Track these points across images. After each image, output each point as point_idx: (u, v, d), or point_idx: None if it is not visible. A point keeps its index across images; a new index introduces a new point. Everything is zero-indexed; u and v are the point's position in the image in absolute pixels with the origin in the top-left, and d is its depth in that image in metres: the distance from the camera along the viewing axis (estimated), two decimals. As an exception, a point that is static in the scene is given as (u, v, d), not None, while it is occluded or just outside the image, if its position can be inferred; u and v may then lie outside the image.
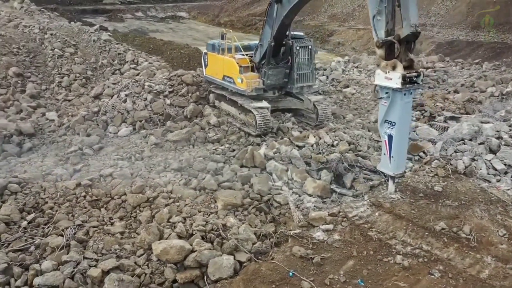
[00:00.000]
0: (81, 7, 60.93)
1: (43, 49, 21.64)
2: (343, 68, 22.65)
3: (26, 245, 8.36)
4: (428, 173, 11.49)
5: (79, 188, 10.55)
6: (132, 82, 16.27)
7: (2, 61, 19.63)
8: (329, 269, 8.00)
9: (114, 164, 12.01)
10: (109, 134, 14.37)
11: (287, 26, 13.66)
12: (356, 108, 17.05)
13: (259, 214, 9.86)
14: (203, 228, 8.91)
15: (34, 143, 13.68)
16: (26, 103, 16.87)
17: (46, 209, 9.64)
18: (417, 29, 9.12)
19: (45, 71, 20.10)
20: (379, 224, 9.41)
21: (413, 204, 10.11)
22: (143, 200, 9.98)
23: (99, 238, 8.75)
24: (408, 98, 9.65)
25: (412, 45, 9.54)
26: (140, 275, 7.88)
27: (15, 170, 11.54)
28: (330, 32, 35.82)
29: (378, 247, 8.63)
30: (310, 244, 8.64)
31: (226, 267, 7.93)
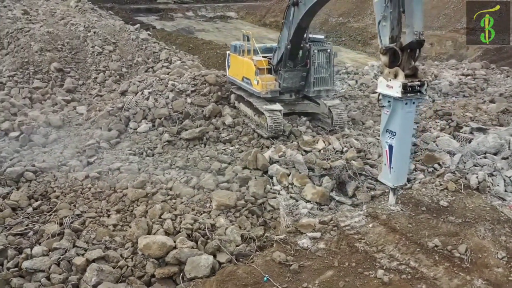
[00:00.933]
0: (136, 6, 63.61)
1: (85, 46, 22.89)
2: (376, 72, 21.99)
3: (25, 230, 8.99)
4: (437, 187, 10.97)
5: (87, 180, 11.14)
6: (156, 80, 16.85)
7: (46, 56, 21.04)
8: (305, 278, 7.91)
9: (125, 158, 12.54)
10: (129, 129, 14.97)
11: (304, 29, 13.53)
12: (380, 115, 16.49)
13: (251, 216, 9.91)
14: (190, 226, 9.11)
15: (59, 134, 14.56)
16: (62, 97, 18.00)
17: (52, 198, 10.28)
18: (420, 37, 8.75)
19: (84, 67, 21.28)
20: (371, 236, 9.14)
21: (412, 218, 9.72)
22: (141, 195, 10.35)
23: (93, 228, 9.22)
24: (410, 108, 9.27)
25: (416, 53, 9.16)
26: (122, 267, 8.22)
27: (35, 159, 12.37)
28: (373, 35, 34.78)
29: (363, 259, 8.40)
30: (292, 250, 8.57)
31: (203, 266, 8.07)
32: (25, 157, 12.68)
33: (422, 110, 16.73)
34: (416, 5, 8.84)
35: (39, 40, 22.15)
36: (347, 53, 32.80)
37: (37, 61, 20.82)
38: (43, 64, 20.67)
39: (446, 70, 22.83)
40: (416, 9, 8.82)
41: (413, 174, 11.93)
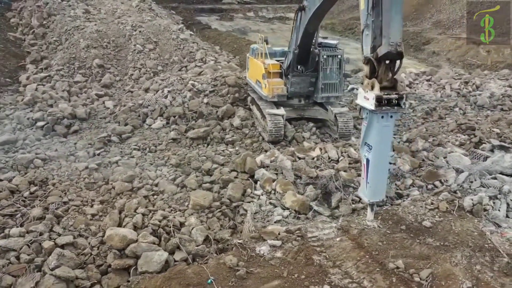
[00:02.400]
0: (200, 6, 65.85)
1: (128, 44, 24.31)
2: (411, 80, 20.95)
3: (16, 212, 9.89)
4: (427, 205, 10.32)
5: (86, 170, 11.95)
6: (177, 79, 17.49)
7: (91, 53, 22.68)
8: (249, 284, 7.91)
9: (128, 153, 13.25)
10: (145, 125, 15.73)
11: (311, 34, 13.35)
12: (398, 125, 15.78)
13: (223, 218, 10.06)
14: (158, 223, 9.47)
15: (81, 126, 15.71)
16: (96, 91, 19.30)
17: (49, 185, 11.18)
18: (397, 48, 8.33)
19: (124, 64, 22.63)
20: (334, 250, 8.87)
21: (386, 236, 9.27)
22: (127, 188, 10.92)
23: (73, 216, 9.91)
24: (386, 121, 8.84)
25: (395, 64, 8.73)
26: (86, 254, 8.78)
27: (50, 148, 13.49)
28: (427, 40, 33.03)
29: (314, 273, 8.20)
30: (246, 256, 8.58)
31: (155, 262, 8.39)
32: (44, 145, 13.88)
33: (447, 122, 15.70)
34: (395, 15, 8.44)
35: (87, 38, 23.92)
36: (397, 58, 31.43)
37: (83, 57, 22.52)
38: (87, 60, 22.31)
39: (494, 80, 21.13)
40: (394, 18, 8.42)
41: (408, 190, 11.33)
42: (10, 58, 25.01)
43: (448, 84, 19.92)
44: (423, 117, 16.34)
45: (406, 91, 9.17)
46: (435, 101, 18.51)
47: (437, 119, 16.22)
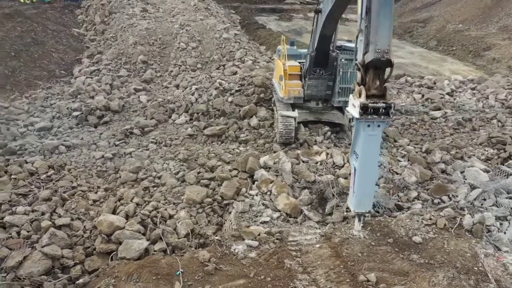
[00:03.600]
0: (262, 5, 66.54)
1: (174, 42, 25.34)
2: (453, 87, 19.74)
3: (28, 192, 10.89)
4: (424, 220, 9.82)
5: (101, 159, 12.79)
6: (206, 77, 17.99)
7: (137, 49, 23.98)
8: (214, 280, 8.08)
9: (145, 145, 13.93)
10: (170, 120, 16.42)
11: (328, 37, 13.13)
12: (424, 134, 15.00)
13: (212, 215, 10.32)
14: (148, 213, 9.96)
15: (112, 118, 16.74)
16: (135, 86, 20.41)
17: (65, 170, 12.13)
18: (385, 55, 8.03)
19: (167, 61, 23.64)
20: (310, 256, 8.78)
21: (369, 248, 8.99)
22: (131, 178, 11.55)
23: (77, 200, 10.70)
24: (373, 130, 8.54)
25: (383, 72, 8.42)
26: (78, 236, 9.48)
27: (78, 136, 14.58)
28: (488, 45, 30.70)
29: (282, 276, 8.17)
30: (219, 253, 8.77)
31: (134, 250, 8.86)
32: (74, 133, 15.04)
33: (479, 134, 14.66)
34: (384, 20, 8.12)
35: (136, 35, 25.31)
36: (452, 64, 29.67)
37: (130, 53, 23.86)
38: (133, 56, 23.61)
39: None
40: (382, 24, 8.11)
41: (410, 203, 10.83)
42: (70, 52, 27.15)
43: (494, 94, 18.52)
44: (454, 127, 15.38)
45: (394, 101, 8.74)
46: (474, 111, 17.30)
47: (469, 131, 15.19)
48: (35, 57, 23.38)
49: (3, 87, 19.31)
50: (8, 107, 17.22)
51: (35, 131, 15.06)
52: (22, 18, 27.84)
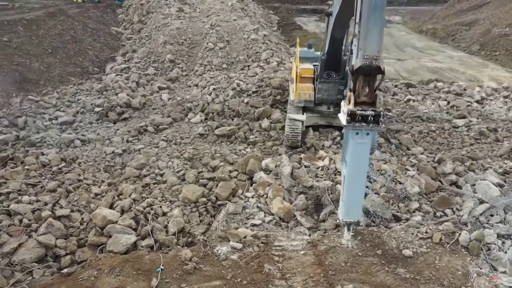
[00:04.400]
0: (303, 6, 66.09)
1: (203, 42, 25.78)
2: (484, 95, 18.74)
3: (37, 183, 11.50)
4: (420, 233, 9.44)
5: (111, 154, 13.26)
6: (224, 78, 18.17)
7: (166, 48, 24.61)
8: (191, 280, 8.18)
9: (155, 143, 14.29)
10: (186, 119, 16.74)
11: (339, 40, 12.88)
12: (442, 143, 14.36)
13: (205, 214, 10.43)
14: (142, 209, 10.23)
15: (131, 115, 17.30)
16: (159, 84, 20.96)
17: (76, 163, 12.69)
18: (373, 62, 7.79)
19: (194, 61, 24.10)
20: (291, 262, 8.68)
21: (355, 258, 8.78)
22: (134, 174, 11.90)
23: (80, 193, 11.17)
24: (362, 138, 8.29)
25: (373, 79, 8.17)
26: (75, 228, 9.91)
27: (95, 131, 15.19)
28: (535, 51, 28.86)
29: (259, 281, 8.14)
30: (202, 253, 8.86)
31: (121, 244, 9.13)
32: (93, 127, 15.70)
33: (504, 145, 13.85)
34: (373, 26, 7.88)
35: (167, 34, 25.98)
36: (493, 70, 28.11)
37: (159, 52, 24.55)
38: (162, 55, 24.27)
39: None
40: (372, 30, 7.87)
41: (410, 214, 10.43)
42: (106, 50, 28.34)
43: (527, 103, 17.44)
44: (476, 137, 14.61)
45: (382, 109, 8.41)
46: (503, 121, 16.35)
47: (492, 141, 14.38)
48: (71, 54, 24.57)
49: (37, 82, 20.44)
50: (39, 101, 18.24)
51: (57, 125, 15.85)
52: (64, 16, 29.33)
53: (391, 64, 29.22)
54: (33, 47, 22.73)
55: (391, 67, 28.22)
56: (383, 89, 19.87)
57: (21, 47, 21.93)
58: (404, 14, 59.70)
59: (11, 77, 19.57)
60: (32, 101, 18.22)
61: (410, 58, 31.69)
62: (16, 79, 19.68)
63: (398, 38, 42.75)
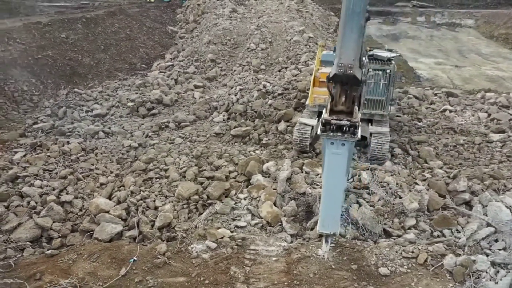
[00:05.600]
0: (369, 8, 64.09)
1: (246, 42, 26.11)
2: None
3: (54, 168, 12.45)
4: (405, 252, 8.91)
5: (127, 147, 13.97)
6: (252, 79, 18.29)
7: (209, 48, 25.27)
8: (158, 273, 8.43)
9: (172, 139, 14.80)
10: (210, 117, 17.13)
11: (353, 44, 12.42)
12: (467, 158, 13.32)
13: (194, 212, 10.65)
14: (135, 201, 10.70)
15: (160, 111, 18.05)
16: (196, 82, 21.61)
17: (93, 153, 13.54)
18: (348, 71, 7.52)
19: (234, 61, 24.50)
20: (260, 267, 8.62)
21: (326, 270, 8.51)
22: (140, 168, 12.44)
23: (87, 181, 11.93)
24: (337, 149, 8.03)
25: (350, 88, 7.87)
26: (74, 213, 10.63)
27: (121, 125, 16.08)
28: None
29: (221, 282, 8.19)
30: (176, 249, 9.08)
31: (106, 232, 9.65)
32: (121, 121, 16.62)
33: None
34: (350, 33, 7.63)
35: (212, 34, 26.65)
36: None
37: (202, 51, 25.29)
38: (204, 54, 24.98)
39: None
40: (348, 37, 7.63)
41: (403, 231, 9.84)
42: (158, 47, 29.74)
43: None
44: (508, 155, 13.35)
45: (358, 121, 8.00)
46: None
47: (527, 160, 13.07)
48: (122, 51, 26.12)
49: (86, 76, 22.04)
50: (82, 94, 19.67)
51: (91, 117, 16.99)
52: (123, 15, 31.24)
53: (446, 71, 27.55)
54: (87, 43, 24.51)
55: (444, 74, 26.63)
56: (421, 97, 18.81)
57: (76, 43, 23.76)
58: (478, 17, 55.69)
59: (62, 70, 21.30)
60: (77, 94, 19.69)
61: (470, 65, 29.59)
62: (66, 73, 21.38)
63: (464, 43, 40.05)
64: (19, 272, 8.47)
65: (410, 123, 16.19)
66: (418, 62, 30.40)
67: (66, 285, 7.93)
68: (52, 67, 20.98)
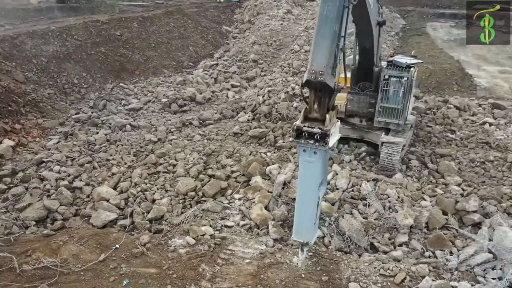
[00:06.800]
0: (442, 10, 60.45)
1: (291, 44, 25.97)
2: None
3: (76, 156, 13.44)
4: (384, 269, 8.49)
5: (147, 141, 14.65)
6: (282, 81, 18.23)
7: (253, 48, 25.53)
8: (133, 263, 8.82)
9: (192, 136, 15.25)
10: (236, 117, 17.37)
11: (368, 50, 11.95)
12: (493, 177, 12.22)
13: (189, 207, 10.96)
14: (135, 193, 11.26)
15: (191, 108, 18.64)
16: (234, 82, 21.98)
17: (115, 145, 14.40)
18: (318, 77, 7.32)
19: (276, 62, 24.49)
20: (231, 268, 8.70)
21: (295, 279, 8.41)
22: (152, 161, 13.00)
23: (101, 170, 12.73)
24: (309, 157, 7.84)
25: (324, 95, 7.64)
26: (81, 199, 11.44)
27: (149, 120, 16.89)
28: None
29: (187, 278, 8.38)
30: (157, 241, 9.42)
31: (100, 219, 10.29)
32: (150, 115, 17.45)
33: None
34: (322, 39, 7.41)
35: (258, 35, 26.87)
36: None
37: (246, 52, 25.61)
38: (248, 55, 25.27)
39: None
40: (320, 43, 7.41)
41: (391, 247, 9.34)
42: (209, 46, 30.60)
43: None
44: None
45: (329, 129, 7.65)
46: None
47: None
48: (172, 49, 27.27)
49: (133, 72, 23.35)
50: (126, 88, 20.91)
51: (126, 110, 18.02)
52: (180, 15, 32.54)
53: (510, 80, 25.28)
54: (139, 41, 25.93)
55: (506, 84, 24.49)
56: (462, 107, 17.50)
57: (128, 41, 25.25)
58: None
59: (112, 66, 22.77)
60: (121, 88, 20.97)
61: (545, 75, 26.90)
62: (115, 68, 22.82)
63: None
64: (16, 247, 9.33)
65: (441, 134, 15.17)
66: (480, 70, 28.23)
67: (48, 264, 8.59)
68: (102, 63, 22.51)
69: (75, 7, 34.04)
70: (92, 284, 8.22)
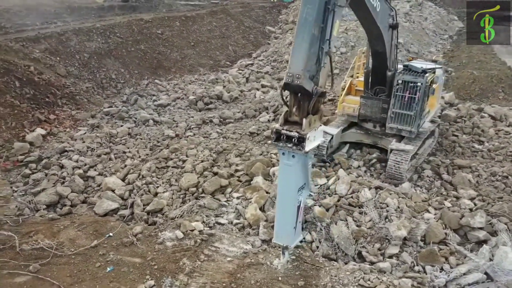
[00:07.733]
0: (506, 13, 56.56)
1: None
2: None
3: (96, 147, 14.20)
4: (364, 280, 8.24)
5: (164, 136, 15.15)
6: (306, 82, 18.03)
7: (289, 49, 25.41)
8: (122, 251, 9.20)
9: (209, 134, 15.55)
10: (258, 116, 17.48)
11: (380, 53, 11.55)
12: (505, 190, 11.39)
13: (187, 202, 11.22)
14: (140, 185, 11.73)
15: (217, 106, 18.98)
16: (264, 82, 22.08)
17: (135, 138, 15.03)
18: (295, 81, 7.26)
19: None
20: (210, 264, 8.84)
21: (271, 281, 8.39)
22: (163, 156, 13.43)
23: (116, 161, 13.37)
24: (288, 160, 7.83)
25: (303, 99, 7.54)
26: (92, 187, 12.11)
27: (172, 116, 17.43)
28: None
29: (167, 270, 8.60)
30: (149, 232, 9.77)
31: (102, 208, 10.84)
32: (175, 112, 18.00)
33: None
34: (301, 42, 7.33)
35: (295, 36, 26.68)
36: None
37: (282, 52, 25.62)
38: (283, 55, 25.25)
39: None
40: (298, 46, 7.33)
41: (380, 258, 9.01)
42: (249, 46, 30.91)
43: None
44: None
45: (306, 134, 7.46)
46: None
47: None
48: (210, 48, 27.86)
49: (169, 69, 24.17)
50: (160, 85, 21.71)
51: (154, 106, 18.72)
52: (224, 15, 33.14)
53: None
54: (179, 39, 26.76)
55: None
56: (498, 117, 16.36)
57: (168, 39, 26.14)
58: None
59: (149, 63, 23.73)
60: (155, 84, 21.80)
61: None
62: (153, 65, 23.75)
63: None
64: (22, 228, 10.07)
65: (467, 144, 14.29)
66: (535, 77, 26.14)
67: (43, 245, 9.20)
68: (141, 59, 23.51)
69: (134, 6, 35.45)
70: (79, 268, 8.70)
